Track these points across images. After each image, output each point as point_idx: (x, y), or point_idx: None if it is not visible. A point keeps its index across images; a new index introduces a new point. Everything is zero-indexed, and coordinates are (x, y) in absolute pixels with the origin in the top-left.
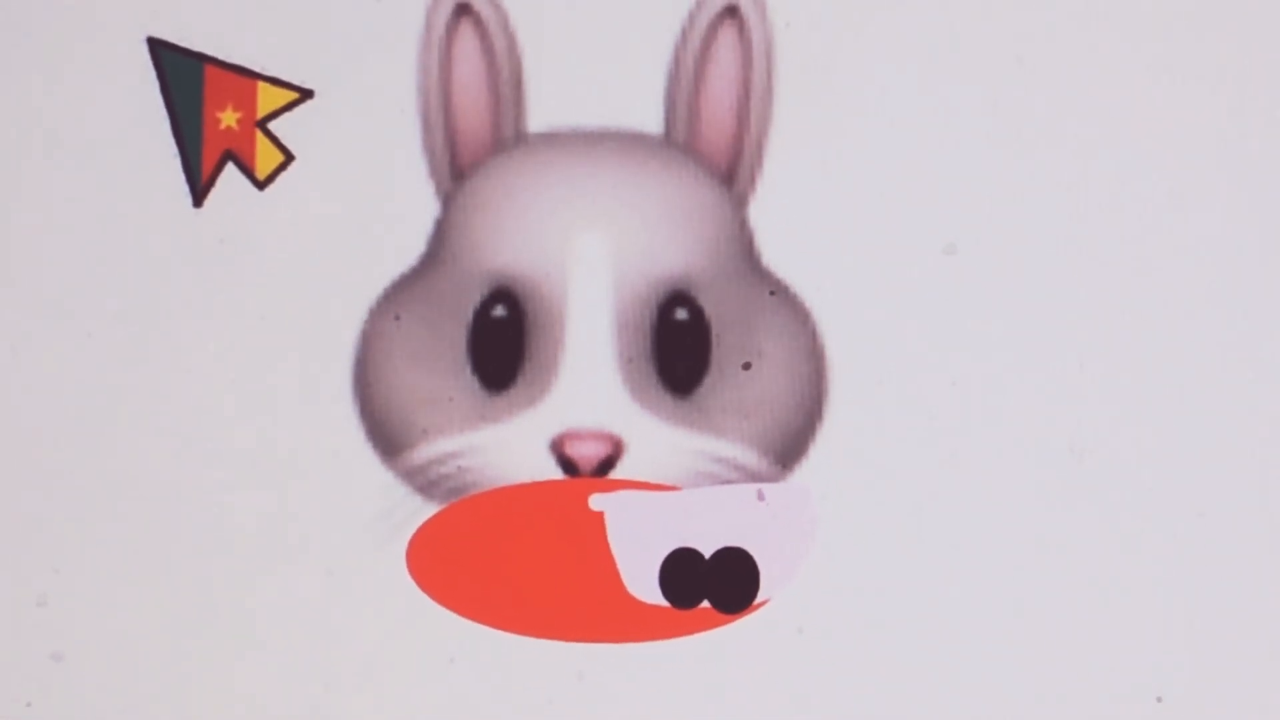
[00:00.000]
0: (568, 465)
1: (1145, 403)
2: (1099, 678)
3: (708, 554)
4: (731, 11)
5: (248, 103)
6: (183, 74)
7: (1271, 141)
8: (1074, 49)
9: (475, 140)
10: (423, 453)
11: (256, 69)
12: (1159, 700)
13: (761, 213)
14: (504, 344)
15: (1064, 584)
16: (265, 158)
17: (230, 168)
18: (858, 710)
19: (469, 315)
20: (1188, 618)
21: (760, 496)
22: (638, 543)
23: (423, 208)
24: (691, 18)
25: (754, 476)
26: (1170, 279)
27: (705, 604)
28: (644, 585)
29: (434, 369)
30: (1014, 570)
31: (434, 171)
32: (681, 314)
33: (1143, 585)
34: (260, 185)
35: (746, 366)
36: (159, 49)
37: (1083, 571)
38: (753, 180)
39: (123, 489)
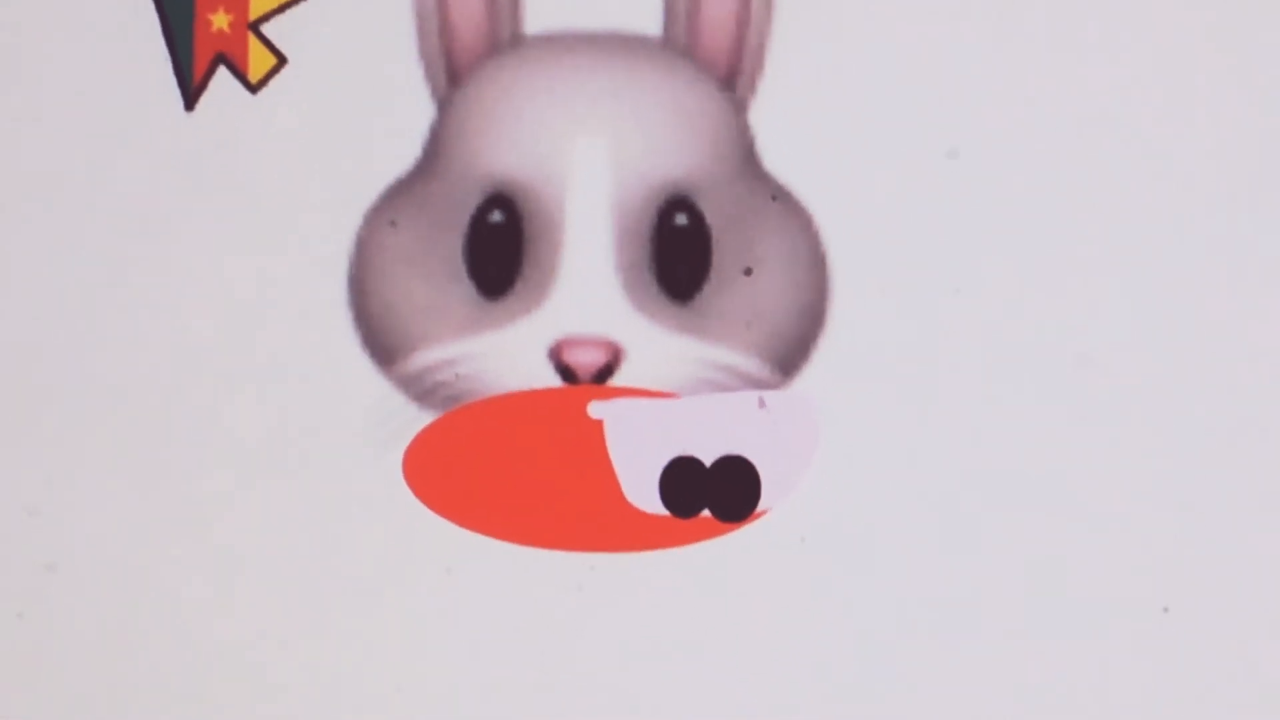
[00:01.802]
0: (566, 373)
1: (1151, 311)
2: (1105, 589)
3: (708, 462)
4: None
5: (239, 4)
6: None
7: (1274, 50)
8: None
9: (471, 43)
10: (419, 360)
11: None
12: (1165, 611)
13: (763, 116)
14: (501, 250)
15: (1069, 494)
16: (258, 61)
17: (222, 71)
18: (860, 620)
19: (466, 221)
20: (1194, 529)
21: (761, 404)
22: (637, 451)
23: (418, 112)
24: None
25: (755, 384)
26: (1176, 183)
27: (706, 513)
28: (644, 494)
29: (430, 275)
30: (1018, 479)
31: (429, 75)
32: (681, 219)
33: (1148, 495)
34: (253, 89)
35: (747, 273)
36: None
37: (1088, 481)
38: (753, 83)
39: (115, 397)
